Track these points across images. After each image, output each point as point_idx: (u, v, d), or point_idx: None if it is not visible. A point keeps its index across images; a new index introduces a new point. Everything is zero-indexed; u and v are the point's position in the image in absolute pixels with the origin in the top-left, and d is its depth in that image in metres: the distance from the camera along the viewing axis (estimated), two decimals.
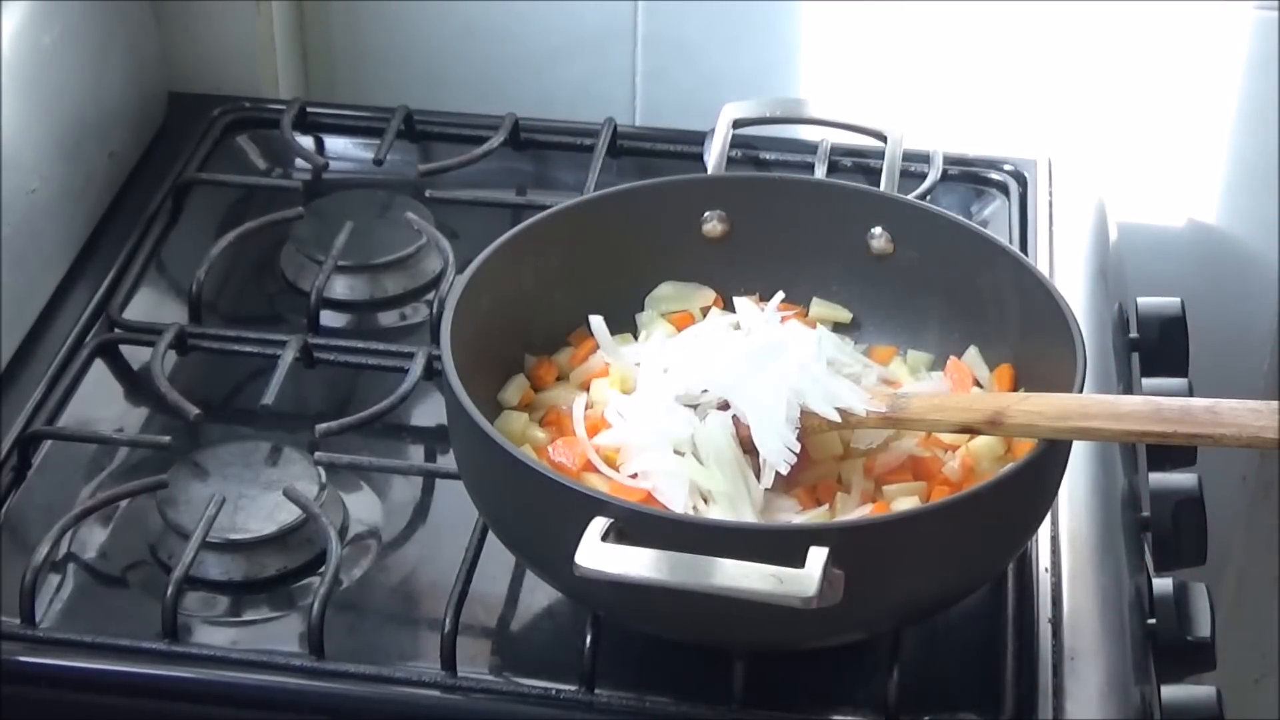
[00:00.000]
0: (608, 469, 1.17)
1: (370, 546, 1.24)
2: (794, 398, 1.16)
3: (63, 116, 1.43)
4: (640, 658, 1.15)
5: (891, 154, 1.36)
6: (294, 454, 1.26)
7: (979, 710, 1.14)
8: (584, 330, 1.27)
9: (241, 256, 1.46)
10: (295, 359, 1.33)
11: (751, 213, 1.30)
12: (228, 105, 1.60)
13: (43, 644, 1.16)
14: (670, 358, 1.21)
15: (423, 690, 1.14)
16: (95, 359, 1.36)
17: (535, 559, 1.14)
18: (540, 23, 1.65)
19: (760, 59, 1.64)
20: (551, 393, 1.25)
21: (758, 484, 1.15)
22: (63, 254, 1.44)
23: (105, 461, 1.30)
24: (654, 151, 1.57)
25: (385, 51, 1.69)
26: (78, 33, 1.46)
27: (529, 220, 1.26)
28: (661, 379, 1.20)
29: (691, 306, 1.30)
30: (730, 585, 1.00)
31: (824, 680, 1.15)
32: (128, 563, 1.23)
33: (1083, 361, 1.14)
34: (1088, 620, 1.19)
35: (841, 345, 1.24)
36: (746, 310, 1.26)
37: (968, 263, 1.25)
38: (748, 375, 1.17)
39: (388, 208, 1.48)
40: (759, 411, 1.16)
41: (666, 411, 1.17)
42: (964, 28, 1.61)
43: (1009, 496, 1.10)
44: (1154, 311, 1.45)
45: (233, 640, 1.18)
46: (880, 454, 1.19)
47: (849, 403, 1.16)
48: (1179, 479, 1.33)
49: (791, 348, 1.19)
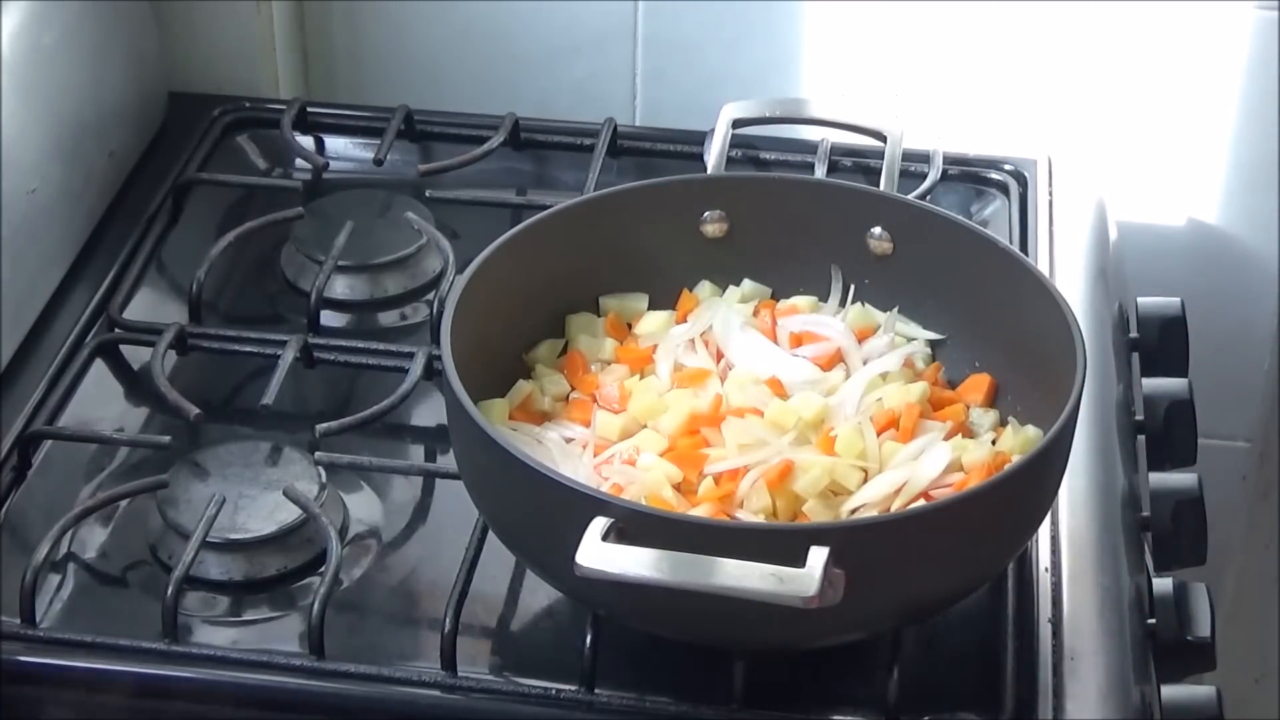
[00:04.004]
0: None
1: (370, 546, 1.24)
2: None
3: (63, 116, 1.43)
4: (640, 658, 1.15)
5: (891, 154, 1.36)
6: (294, 454, 1.26)
7: (979, 710, 1.14)
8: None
9: (241, 256, 1.46)
10: (295, 359, 1.33)
11: (751, 213, 1.30)
12: (228, 105, 1.60)
13: (43, 644, 1.16)
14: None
15: (423, 690, 1.14)
16: (95, 359, 1.36)
17: (535, 559, 1.14)
18: (540, 23, 1.65)
19: (760, 59, 1.64)
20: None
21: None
22: (63, 254, 1.44)
23: (105, 461, 1.29)
24: (654, 151, 1.57)
25: (385, 51, 1.69)
26: (78, 33, 1.46)
27: (529, 220, 1.26)
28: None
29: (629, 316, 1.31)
30: (731, 585, 1.00)
31: (824, 680, 1.15)
32: (128, 563, 1.23)
33: (1083, 361, 1.14)
34: (1088, 620, 1.19)
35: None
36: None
37: (968, 263, 1.25)
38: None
39: (388, 208, 1.48)
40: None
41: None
42: (964, 27, 1.61)
43: (1009, 496, 1.10)
44: (1154, 311, 1.45)
45: (233, 640, 1.18)
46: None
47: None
48: (1179, 479, 1.33)
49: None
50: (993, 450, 1.19)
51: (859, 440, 1.18)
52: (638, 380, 1.24)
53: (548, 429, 1.22)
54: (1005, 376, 1.25)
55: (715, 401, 1.21)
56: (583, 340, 1.28)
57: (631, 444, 1.19)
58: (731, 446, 1.18)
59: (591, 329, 1.28)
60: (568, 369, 1.26)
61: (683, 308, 1.30)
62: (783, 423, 1.19)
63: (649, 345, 1.27)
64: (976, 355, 1.27)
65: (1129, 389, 1.40)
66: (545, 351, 1.27)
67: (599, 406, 1.23)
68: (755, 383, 1.22)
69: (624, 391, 1.23)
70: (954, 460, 1.17)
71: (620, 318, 1.30)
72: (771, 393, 1.22)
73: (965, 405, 1.24)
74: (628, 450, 1.19)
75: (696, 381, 1.23)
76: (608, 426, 1.21)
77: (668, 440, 1.19)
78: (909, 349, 1.27)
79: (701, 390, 1.23)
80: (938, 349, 1.28)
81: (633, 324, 1.29)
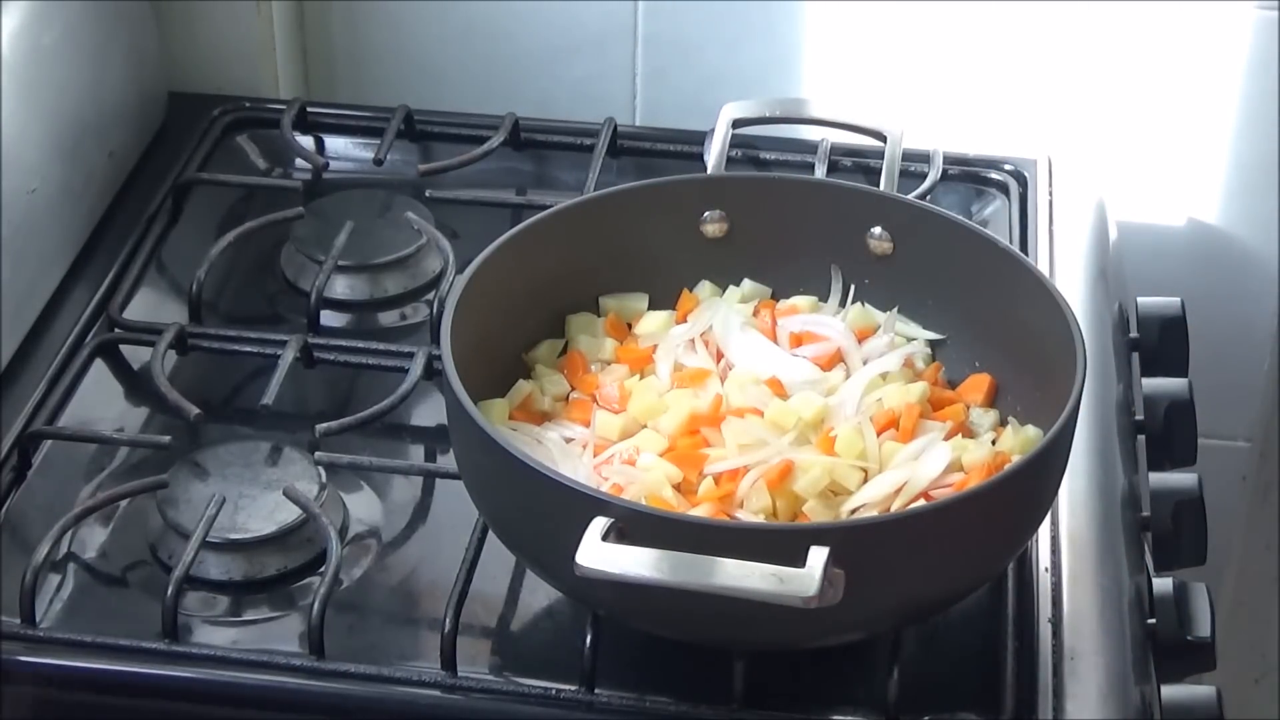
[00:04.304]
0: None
1: (370, 546, 1.24)
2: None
3: (63, 116, 1.43)
4: (640, 658, 1.15)
5: (891, 154, 1.36)
6: (294, 454, 1.26)
7: (979, 710, 1.14)
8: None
9: (241, 256, 1.46)
10: (295, 359, 1.33)
11: (751, 213, 1.30)
12: (228, 105, 1.60)
13: (43, 644, 1.16)
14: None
15: (423, 690, 1.14)
16: (95, 359, 1.36)
17: (535, 559, 1.14)
18: (540, 23, 1.65)
19: (760, 59, 1.64)
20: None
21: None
22: (63, 254, 1.44)
23: (105, 461, 1.29)
24: (654, 151, 1.57)
25: (385, 51, 1.69)
26: (78, 33, 1.46)
27: (529, 220, 1.26)
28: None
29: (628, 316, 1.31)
30: (731, 585, 1.00)
31: (824, 680, 1.15)
32: (128, 563, 1.23)
33: (1083, 361, 1.14)
34: (1088, 620, 1.19)
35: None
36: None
37: (967, 263, 1.25)
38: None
39: (388, 208, 1.48)
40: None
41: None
42: (964, 28, 1.61)
43: (1009, 496, 1.10)
44: (1154, 311, 1.45)
45: (233, 640, 1.18)
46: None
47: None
48: (1179, 479, 1.33)
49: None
50: (993, 450, 1.19)
51: (859, 440, 1.18)
52: (638, 380, 1.24)
53: (548, 429, 1.22)
54: (1005, 376, 1.25)
55: (715, 401, 1.21)
56: (583, 340, 1.28)
57: (631, 444, 1.19)
58: (731, 446, 1.18)
59: (591, 329, 1.28)
60: (568, 369, 1.26)
61: (683, 308, 1.30)
62: (783, 423, 1.19)
63: (649, 345, 1.27)
64: (976, 355, 1.27)
65: (1129, 389, 1.40)
66: (545, 351, 1.27)
67: (599, 406, 1.23)
68: (755, 383, 1.22)
69: (624, 391, 1.23)
70: (954, 460, 1.17)
71: (620, 318, 1.30)
72: (771, 393, 1.22)
73: (965, 405, 1.24)
74: (628, 450, 1.19)
75: (696, 381, 1.23)
76: (608, 426, 1.21)
77: (668, 440, 1.19)
78: (909, 349, 1.27)
79: (701, 390, 1.23)
80: (938, 349, 1.28)
81: (633, 324, 1.30)
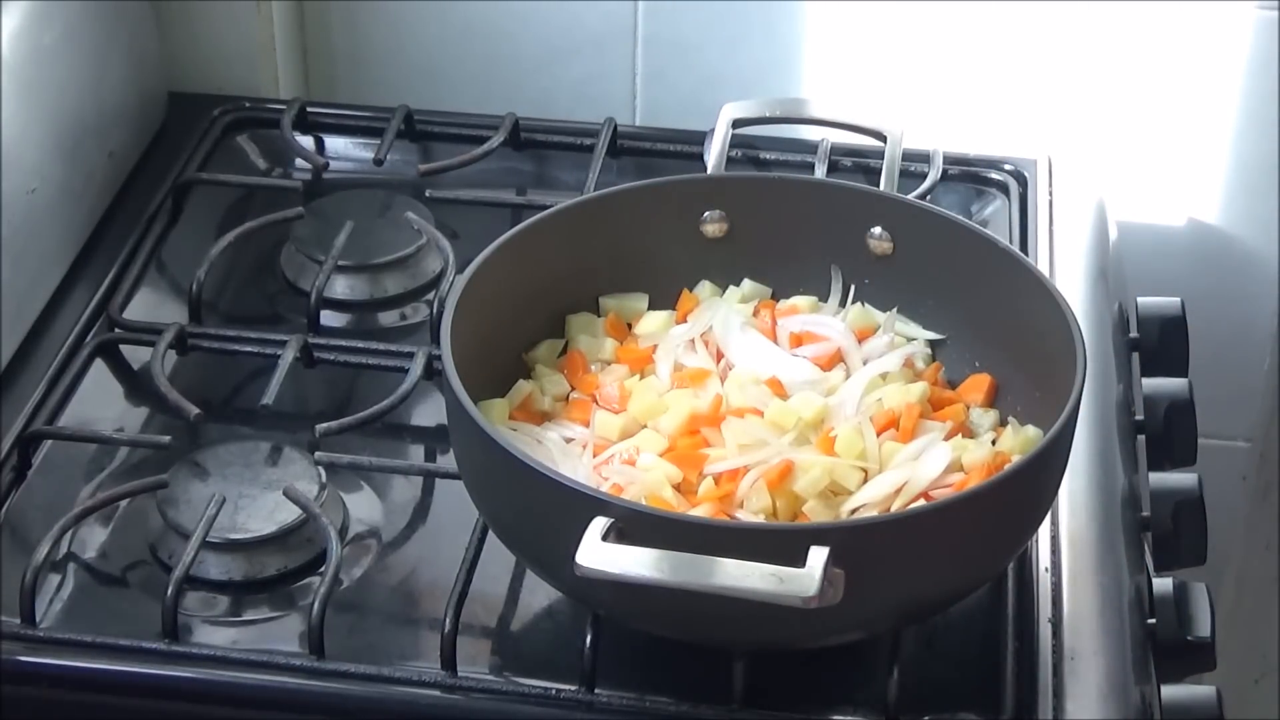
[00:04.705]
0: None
1: (370, 546, 1.24)
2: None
3: (63, 116, 1.43)
4: (640, 658, 1.15)
5: (891, 154, 1.36)
6: (294, 454, 1.26)
7: (979, 710, 1.14)
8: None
9: (241, 256, 1.46)
10: (295, 359, 1.33)
11: (751, 213, 1.30)
12: (228, 105, 1.60)
13: (43, 644, 1.16)
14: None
15: (423, 690, 1.14)
16: (95, 359, 1.36)
17: (535, 559, 1.14)
18: (540, 23, 1.65)
19: (760, 59, 1.64)
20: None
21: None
22: (63, 254, 1.44)
23: (105, 461, 1.29)
24: (654, 151, 1.57)
25: (385, 51, 1.69)
26: (78, 33, 1.46)
27: (529, 220, 1.26)
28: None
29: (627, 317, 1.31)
30: (731, 585, 1.00)
31: (824, 680, 1.15)
32: (128, 563, 1.23)
33: (1083, 362, 1.14)
34: (1088, 620, 1.19)
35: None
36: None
37: (968, 263, 1.25)
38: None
39: (388, 208, 1.48)
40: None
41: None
42: (964, 28, 1.61)
43: (1009, 496, 1.10)
44: (1154, 311, 1.45)
45: (233, 640, 1.18)
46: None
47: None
48: (1179, 479, 1.33)
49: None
50: (993, 450, 1.19)
51: (859, 440, 1.18)
52: (638, 380, 1.24)
53: (548, 429, 1.22)
54: (1005, 376, 1.25)
55: (715, 401, 1.21)
56: (583, 340, 1.28)
57: (631, 444, 1.19)
58: (731, 446, 1.18)
59: (591, 329, 1.28)
60: (568, 369, 1.26)
61: (683, 308, 1.30)
62: (783, 423, 1.19)
63: (649, 345, 1.27)
64: (976, 355, 1.27)
65: (1129, 389, 1.40)
66: (545, 351, 1.27)
67: (599, 406, 1.23)
68: (755, 383, 1.22)
69: (624, 391, 1.23)
70: (954, 460, 1.17)
71: (620, 318, 1.30)
72: (771, 393, 1.22)
73: (965, 405, 1.24)
74: (628, 450, 1.19)
75: (696, 381, 1.23)
76: (608, 426, 1.21)
77: (668, 440, 1.19)
78: (909, 349, 1.27)
79: (701, 390, 1.23)
80: (938, 349, 1.28)
81: (633, 324, 1.30)
